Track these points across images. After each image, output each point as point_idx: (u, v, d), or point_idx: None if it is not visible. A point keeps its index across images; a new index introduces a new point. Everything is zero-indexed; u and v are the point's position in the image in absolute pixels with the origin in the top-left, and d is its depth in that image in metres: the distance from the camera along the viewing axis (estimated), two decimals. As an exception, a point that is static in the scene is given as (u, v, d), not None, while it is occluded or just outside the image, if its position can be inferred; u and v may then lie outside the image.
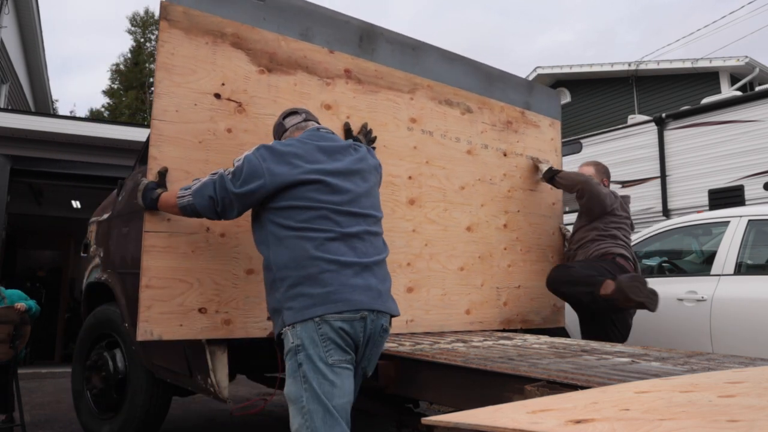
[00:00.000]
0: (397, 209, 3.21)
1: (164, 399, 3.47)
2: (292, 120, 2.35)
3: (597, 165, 4.01)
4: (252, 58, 2.76)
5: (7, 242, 8.71)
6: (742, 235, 3.83)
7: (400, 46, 3.35)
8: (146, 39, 31.02)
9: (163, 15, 2.53)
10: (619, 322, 3.57)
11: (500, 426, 0.95)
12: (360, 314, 1.97)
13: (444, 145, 3.48)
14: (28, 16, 12.86)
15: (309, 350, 1.91)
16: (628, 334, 3.63)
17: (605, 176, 3.96)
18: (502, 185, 3.80)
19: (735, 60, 11.82)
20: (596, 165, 4.01)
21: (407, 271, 3.21)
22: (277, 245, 2.03)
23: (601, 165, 4.03)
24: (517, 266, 3.83)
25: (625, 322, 3.58)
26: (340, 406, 1.92)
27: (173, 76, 2.53)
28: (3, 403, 4.33)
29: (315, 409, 1.89)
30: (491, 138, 3.76)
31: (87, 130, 8.42)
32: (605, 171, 3.99)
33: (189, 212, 2.19)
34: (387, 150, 3.17)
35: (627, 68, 13.48)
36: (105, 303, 3.87)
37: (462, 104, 3.61)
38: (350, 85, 3.10)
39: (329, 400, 1.89)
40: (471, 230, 3.60)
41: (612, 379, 1.81)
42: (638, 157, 6.94)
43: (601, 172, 3.96)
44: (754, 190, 5.83)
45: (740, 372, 1.75)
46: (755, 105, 6.06)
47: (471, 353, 2.45)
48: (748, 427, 0.89)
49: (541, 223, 4.05)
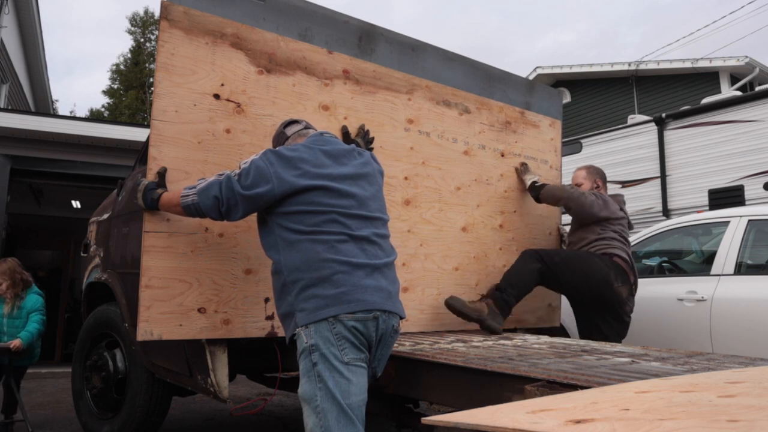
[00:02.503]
0: (392, 209, 3.20)
1: (164, 399, 3.47)
2: (292, 128, 2.36)
3: (589, 168, 4.01)
4: (251, 58, 2.75)
5: (7, 242, 8.71)
6: (742, 235, 3.83)
7: (400, 46, 3.35)
8: (146, 39, 31.07)
9: (164, 15, 2.53)
10: (614, 320, 3.55)
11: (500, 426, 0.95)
12: (372, 314, 1.97)
13: (441, 146, 3.49)
14: (28, 16, 12.87)
15: (323, 349, 1.91)
16: (626, 332, 3.62)
17: (599, 177, 3.93)
18: (498, 185, 3.80)
19: (735, 60, 11.82)
20: (588, 168, 4.01)
21: (402, 271, 3.21)
22: (287, 249, 2.03)
23: (593, 167, 4.02)
24: None
25: (620, 320, 3.56)
26: (356, 404, 1.92)
27: (173, 76, 2.53)
28: (9, 404, 4.31)
29: (329, 408, 1.89)
30: (489, 138, 3.76)
31: (87, 130, 8.42)
32: (598, 173, 3.96)
33: (192, 212, 2.18)
34: (383, 150, 3.18)
35: (627, 68, 13.48)
36: (105, 303, 3.87)
37: (460, 105, 3.61)
38: (348, 86, 3.10)
39: (344, 399, 1.89)
40: (466, 230, 3.61)
41: (612, 379, 1.81)
42: (638, 157, 6.94)
43: (594, 174, 3.94)
44: (754, 190, 5.83)
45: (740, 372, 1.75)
46: (755, 105, 6.05)
47: (471, 353, 2.45)
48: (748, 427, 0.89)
49: (537, 223, 4.05)
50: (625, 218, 3.81)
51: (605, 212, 3.68)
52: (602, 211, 3.68)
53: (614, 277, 3.49)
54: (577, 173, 3.99)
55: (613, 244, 3.63)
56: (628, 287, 3.55)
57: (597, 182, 3.91)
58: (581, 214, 3.72)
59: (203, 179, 2.21)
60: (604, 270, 3.50)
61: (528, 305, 3.90)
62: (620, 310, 3.53)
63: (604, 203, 3.71)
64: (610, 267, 3.51)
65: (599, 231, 3.67)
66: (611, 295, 3.48)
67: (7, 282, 4.30)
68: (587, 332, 3.60)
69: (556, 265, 3.53)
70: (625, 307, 3.55)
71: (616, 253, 3.59)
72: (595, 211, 3.67)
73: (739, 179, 5.99)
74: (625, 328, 3.61)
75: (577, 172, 4.00)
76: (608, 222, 3.68)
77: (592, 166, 4.08)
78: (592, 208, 3.67)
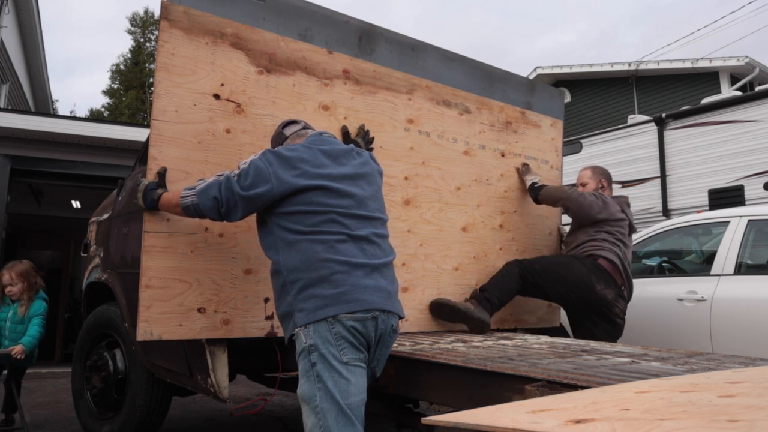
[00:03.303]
0: (392, 210, 3.19)
1: (164, 399, 3.47)
2: (291, 128, 2.36)
3: (594, 168, 3.98)
4: (251, 58, 2.75)
5: (7, 242, 8.71)
6: (742, 235, 3.83)
7: (400, 45, 3.35)
8: (146, 39, 31.08)
9: (164, 15, 2.53)
10: (605, 322, 3.52)
11: (500, 426, 0.95)
12: (372, 314, 1.98)
13: (441, 146, 3.49)
14: (28, 16, 12.87)
15: (322, 349, 1.91)
16: (619, 333, 3.58)
17: (604, 177, 3.91)
18: (499, 185, 3.80)
19: (735, 60, 11.82)
20: (593, 168, 3.98)
21: (402, 271, 3.21)
22: (286, 249, 2.03)
23: (599, 168, 4.00)
24: None
25: (611, 322, 3.53)
26: (355, 404, 1.92)
27: (173, 76, 2.53)
28: (10, 405, 4.29)
29: (328, 408, 1.89)
30: (489, 138, 3.76)
31: (87, 130, 8.42)
32: (603, 173, 3.94)
33: (192, 212, 2.19)
34: (383, 151, 3.18)
35: (627, 68, 13.49)
36: (105, 303, 3.87)
37: (460, 105, 3.61)
38: (348, 86, 3.10)
39: (344, 399, 1.90)
40: (466, 230, 3.61)
41: (612, 379, 1.81)
42: (638, 157, 6.94)
43: (599, 174, 3.92)
44: (754, 190, 5.83)
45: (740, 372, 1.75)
46: (755, 105, 6.06)
47: (471, 353, 2.45)
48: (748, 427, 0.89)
49: (538, 223, 4.04)
50: (626, 220, 3.75)
51: (603, 214, 3.66)
52: (601, 213, 3.65)
53: (595, 280, 3.46)
54: (583, 173, 3.97)
55: (603, 246, 3.59)
56: (614, 289, 3.51)
57: (602, 182, 3.89)
58: (580, 215, 3.72)
59: (203, 180, 2.21)
60: (583, 273, 3.48)
61: (528, 305, 3.90)
62: (609, 313, 3.49)
63: (603, 204, 3.69)
64: (591, 270, 3.48)
65: (592, 233, 3.65)
66: (595, 299, 3.45)
67: (23, 284, 4.21)
68: (580, 336, 3.58)
69: (537, 273, 3.53)
70: (614, 309, 3.51)
71: (603, 255, 3.55)
72: (594, 212, 3.65)
73: (739, 179, 6.00)
74: (618, 330, 3.57)
75: (582, 172, 3.98)
76: (605, 223, 3.65)
77: (598, 166, 4.06)
78: (591, 209, 3.66)
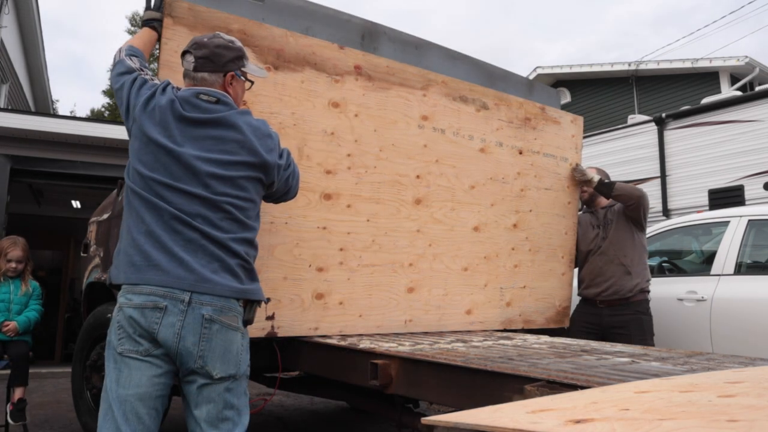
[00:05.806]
0: (402, 209, 3.16)
1: (164, 399, 3.46)
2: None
3: (599, 170, 4.01)
4: (258, 55, 2.69)
5: (7, 242, 8.70)
6: (742, 235, 3.84)
7: (403, 44, 3.31)
8: (146, 39, 31.00)
9: (168, 11, 2.48)
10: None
11: (500, 426, 0.95)
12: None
13: (456, 143, 3.38)
14: (28, 16, 12.86)
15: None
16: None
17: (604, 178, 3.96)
18: (515, 184, 3.68)
19: (735, 60, 11.83)
20: (597, 170, 4.01)
21: (409, 272, 3.18)
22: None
23: (602, 171, 4.03)
24: (524, 266, 3.74)
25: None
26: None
27: (177, 74, 2.50)
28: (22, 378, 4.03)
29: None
30: (507, 135, 3.64)
31: (87, 130, 8.42)
32: (604, 174, 3.97)
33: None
34: (395, 149, 3.11)
35: (627, 68, 13.49)
36: (105, 303, 3.87)
37: (478, 100, 3.49)
38: (360, 82, 3.01)
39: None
40: (478, 230, 3.51)
41: (612, 379, 1.81)
42: (638, 157, 6.95)
43: (600, 175, 3.95)
44: (754, 190, 5.83)
45: (740, 372, 1.75)
46: (755, 105, 6.06)
47: (471, 353, 2.44)
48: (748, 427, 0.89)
49: (553, 222, 3.92)
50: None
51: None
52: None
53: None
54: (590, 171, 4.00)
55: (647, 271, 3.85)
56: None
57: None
58: (644, 216, 3.78)
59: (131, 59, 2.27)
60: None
61: (537, 306, 3.82)
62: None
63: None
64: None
65: (642, 251, 3.83)
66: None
67: (28, 260, 4.23)
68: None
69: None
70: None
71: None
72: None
73: (739, 179, 6.00)
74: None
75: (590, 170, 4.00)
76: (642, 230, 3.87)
77: (601, 169, 4.09)
78: (647, 211, 3.81)
